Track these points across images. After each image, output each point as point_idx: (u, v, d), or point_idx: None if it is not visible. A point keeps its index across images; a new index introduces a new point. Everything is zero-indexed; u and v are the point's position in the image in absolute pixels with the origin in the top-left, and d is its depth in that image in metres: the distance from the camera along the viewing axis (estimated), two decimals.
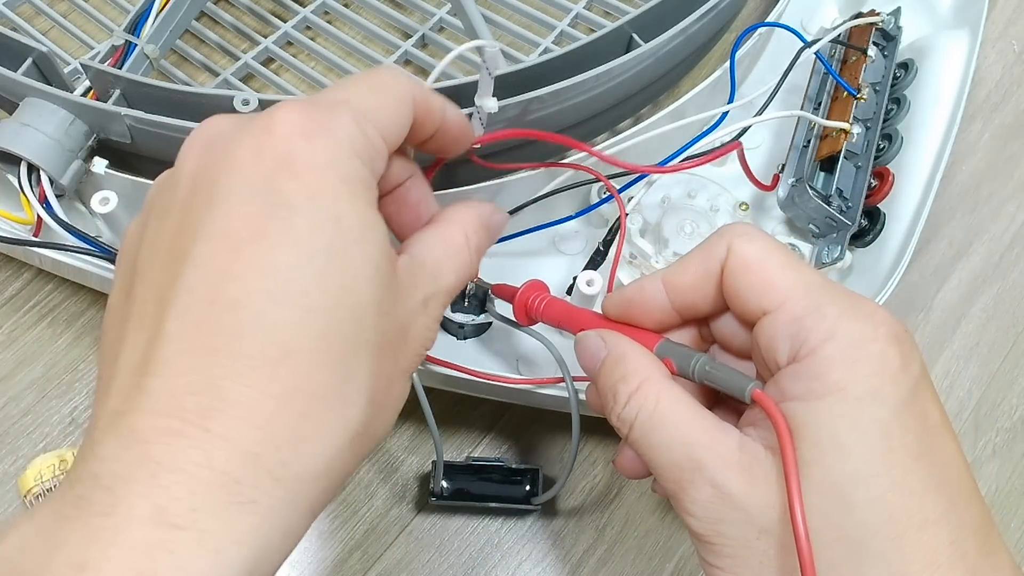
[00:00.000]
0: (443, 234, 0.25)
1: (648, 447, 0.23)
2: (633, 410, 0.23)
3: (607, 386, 0.24)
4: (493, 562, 0.36)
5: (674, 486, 0.23)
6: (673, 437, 0.23)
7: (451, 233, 0.25)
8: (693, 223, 0.36)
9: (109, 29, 0.46)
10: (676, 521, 0.37)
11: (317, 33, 0.48)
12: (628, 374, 0.24)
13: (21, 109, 0.34)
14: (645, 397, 0.23)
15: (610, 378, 0.24)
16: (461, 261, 0.25)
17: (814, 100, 0.42)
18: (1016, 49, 0.50)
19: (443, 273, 0.24)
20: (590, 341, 0.26)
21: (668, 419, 0.23)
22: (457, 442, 0.38)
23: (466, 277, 0.25)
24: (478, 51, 0.28)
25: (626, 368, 0.24)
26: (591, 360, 0.26)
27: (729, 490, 0.21)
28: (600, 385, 0.25)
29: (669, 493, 0.23)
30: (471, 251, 0.25)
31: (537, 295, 0.29)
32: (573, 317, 0.28)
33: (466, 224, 0.25)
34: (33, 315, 0.40)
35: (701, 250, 0.24)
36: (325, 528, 0.36)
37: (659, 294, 0.25)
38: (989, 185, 0.46)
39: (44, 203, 0.34)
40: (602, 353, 0.25)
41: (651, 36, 0.38)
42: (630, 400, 0.23)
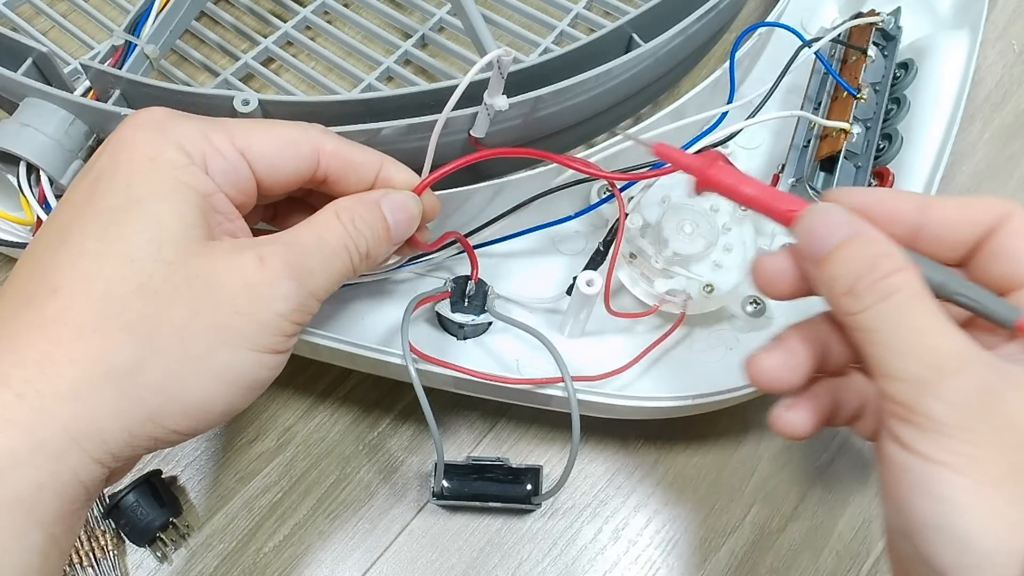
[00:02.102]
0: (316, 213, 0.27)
1: (901, 325, 0.22)
2: (894, 286, 0.22)
3: (863, 257, 0.23)
4: (493, 562, 0.36)
5: (927, 369, 0.21)
6: (942, 322, 0.21)
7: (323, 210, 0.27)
8: (693, 223, 0.36)
9: (109, 29, 0.46)
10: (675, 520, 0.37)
11: (317, 33, 0.48)
12: (894, 252, 0.22)
13: (21, 109, 0.34)
14: (913, 277, 0.22)
15: (867, 249, 0.23)
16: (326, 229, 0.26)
17: (814, 100, 0.42)
18: (1016, 49, 0.50)
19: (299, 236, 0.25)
20: (834, 214, 0.24)
21: (934, 305, 0.22)
22: (457, 442, 0.38)
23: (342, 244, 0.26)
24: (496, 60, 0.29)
25: (891, 248, 0.23)
26: (828, 233, 0.23)
27: (997, 390, 0.21)
28: (846, 256, 0.23)
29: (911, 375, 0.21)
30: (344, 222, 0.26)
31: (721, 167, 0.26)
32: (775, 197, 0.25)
33: (339, 203, 0.27)
34: None
35: (975, 199, 0.24)
36: (325, 528, 0.36)
37: (911, 211, 0.24)
38: (989, 185, 0.46)
39: (44, 204, 0.34)
40: (846, 229, 0.23)
41: (651, 36, 0.38)
42: (896, 273, 0.22)
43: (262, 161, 0.26)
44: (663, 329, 0.35)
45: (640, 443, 0.38)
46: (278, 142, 0.26)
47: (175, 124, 0.25)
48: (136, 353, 0.22)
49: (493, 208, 0.36)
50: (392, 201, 0.28)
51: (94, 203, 0.23)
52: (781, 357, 0.25)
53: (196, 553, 0.35)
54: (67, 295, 0.22)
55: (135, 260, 0.22)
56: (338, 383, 0.39)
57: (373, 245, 0.27)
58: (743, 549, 0.36)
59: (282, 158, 0.26)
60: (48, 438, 0.21)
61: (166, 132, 0.24)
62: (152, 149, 0.24)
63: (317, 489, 0.37)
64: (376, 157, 0.28)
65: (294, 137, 0.26)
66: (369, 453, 0.38)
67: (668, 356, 0.36)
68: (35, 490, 0.21)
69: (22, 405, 0.21)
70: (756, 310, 0.36)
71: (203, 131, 0.25)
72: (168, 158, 0.24)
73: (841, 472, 0.38)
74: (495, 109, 0.32)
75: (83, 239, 0.23)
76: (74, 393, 0.21)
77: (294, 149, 0.26)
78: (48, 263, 0.23)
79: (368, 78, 0.45)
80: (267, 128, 0.26)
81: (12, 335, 0.22)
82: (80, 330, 0.22)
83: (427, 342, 0.35)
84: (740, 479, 0.38)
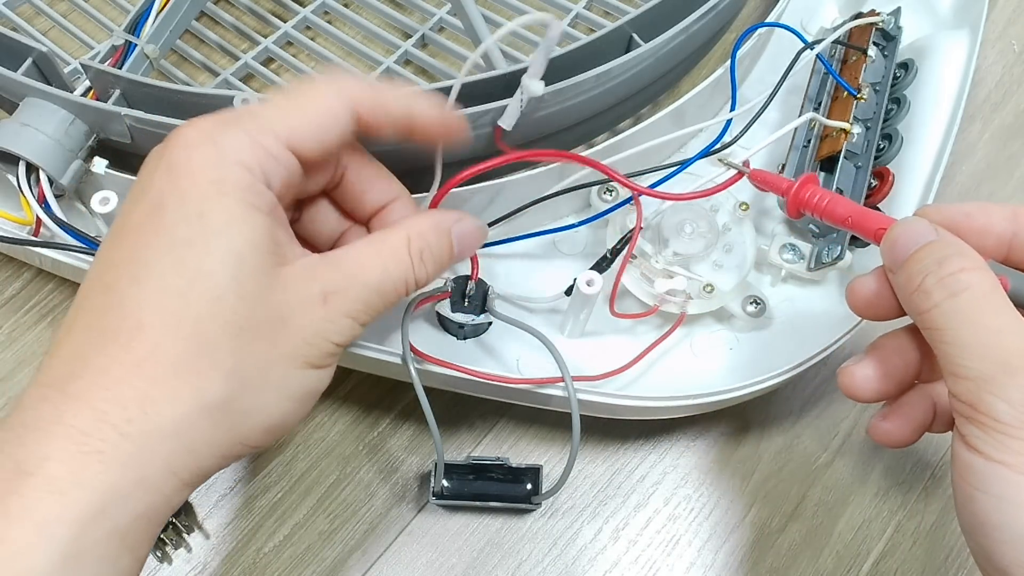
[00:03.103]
0: (381, 236, 0.27)
1: (968, 321, 0.22)
2: (965, 281, 0.22)
3: (934, 255, 0.23)
4: (493, 562, 0.36)
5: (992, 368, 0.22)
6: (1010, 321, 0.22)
7: (389, 236, 0.26)
8: (693, 223, 0.36)
9: (109, 29, 0.46)
10: (675, 520, 0.37)
11: (317, 33, 0.48)
12: (967, 253, 0.23)
13: (21, 109, 0.34)
14: (985, 277, 0.22)
15: (942, 251, 0.23)
16: (394, 262, 0.26)
17: (814, 100, 0.42)
18: (1016, 49, 0.50)
19: (364, 271, 0.26)
20: (918, 224, 0.24)
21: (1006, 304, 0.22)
22: (457, 442, 0.38)
23: (402, 279, 0.26)
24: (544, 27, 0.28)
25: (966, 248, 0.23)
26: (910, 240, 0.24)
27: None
28: (921, 258, 0.24)
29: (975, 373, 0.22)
30: (413, 255, 0.26)
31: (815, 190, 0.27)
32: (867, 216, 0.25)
33: (412, 229, 0.27)
34: (33, 315, 0.40)
35: None
36: (325, 528, 0.36)
37: (1002, 222, 0.24)
38: (989, 185, 0.46)
39: (43, 203, 0.34)
40: (931, 236, 0.24)
41: (651, 36, 0.38)
42: (965, 272, 0.23)
43: (308, 147, 0.25)
44: (663, 329, 0.35)
45: (640, 443, 0.38)
46: (320, 120, 0.25)
47: (227, 137, 0.24)
48: (227, 387, 0.23)
49: (494, 208, 0.36)
50: (463, 229, 0.28)
51: (164, 232, 0.23)
52: (873, 367, 0.26)
53: (196, 553, 0.35)
54: (156, 333, 0.22)
55: (220, 299, 0.23)
56: (338, 383, 0.39)
57: (432, 275, 0.27)
58: (743, 549, 0.36)
59: (326, 135, 0.25)
60: (150, 474, 0.22)
61: (221, 149, 0.24)
62: (215, 173, 0.23)
63: (317, 489, 0.37)
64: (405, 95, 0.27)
65: (331, 106, 0.25)
66: (369, 453, 0.38)
67: (668, 356, 0.36)
68: (132, 520, 0.22)
69: (126, 445, 0.21)
70: (756, 310, 0.36)
71: (253, 138, 0.24)
72: (233, 181, 0.23)
73: (841, 472, 0.38)
74: (530, 92, 0.31)
75: (162, 273, 0.23)
76: (175, 431, 0.22)
77: (334, 120, 0.25)
78: (128, 296, 0.23)
79: (368, 78, 0.45)
80: (305, 108, 0.25)
81: (103, 370, 0.22)
82: (174, 369, 0.22)
83: (427, 342, 0.35)
84: (740, 479, 0.38)
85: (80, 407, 0.21)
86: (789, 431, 0.39)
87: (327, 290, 0.25)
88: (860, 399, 0.26)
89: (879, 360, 0.26)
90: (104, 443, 0.21)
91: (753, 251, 0.37)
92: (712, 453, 0.38)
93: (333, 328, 0.25)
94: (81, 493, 0.21)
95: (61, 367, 0.23)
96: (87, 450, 0.21)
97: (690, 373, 0.36)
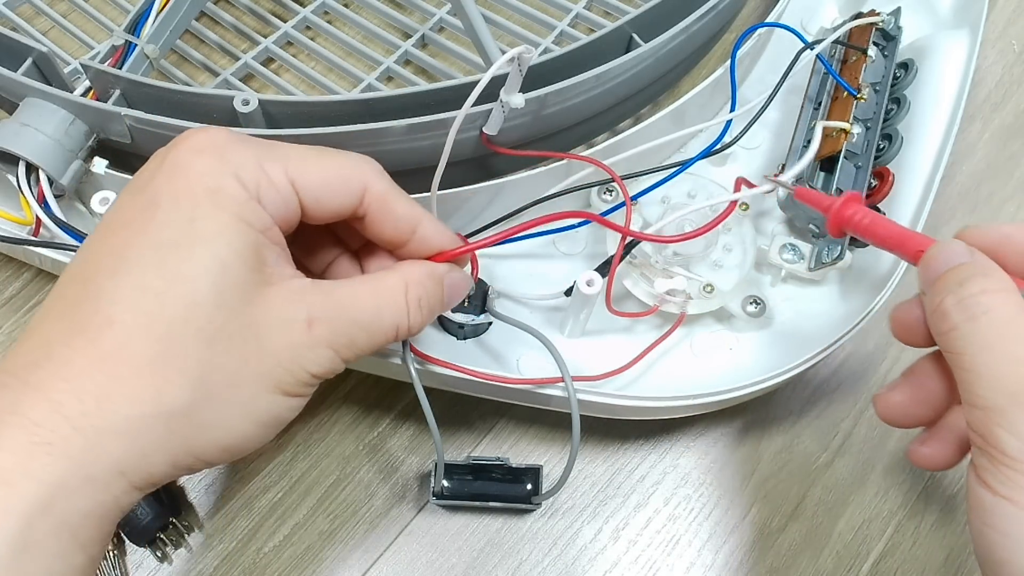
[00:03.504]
0: (379, 277, 0.26)
1: (986, 347, 0.22)
2: (986, 304, 0.22)
3: (957, 277, 0.23)
4: (493, 562, 0.36)
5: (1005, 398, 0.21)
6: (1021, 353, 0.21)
7: (387, 278, 0.26)
8: (693, 223, 0.36)
9: (109, 29, 0.46)
10: (675, 520, 0.37)
11: (317, 33, 0.48)
12: (993, 274, 0.22)
13: (21, 109, 0.34)
14: (1008, 300, 0.22)
15: (966, 272, 0.23)
16: (389, 305, 0.26)
17: (814, 100, 0.42)
18: (1016, 49, 0.50)
19: (357, 306, 0.25)
20: (955, 246, 0.24)
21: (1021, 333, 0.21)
22: (457, 442, 0.38)
23: (395, 323, 0.26)
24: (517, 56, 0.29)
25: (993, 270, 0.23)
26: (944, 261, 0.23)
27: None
28: (946, 277, 0.23)
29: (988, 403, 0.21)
30: (410, 301, 0.26)
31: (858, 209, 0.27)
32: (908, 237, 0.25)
33: (410, 275, 0.26)
34: (33, 315, 0.40)
35: None
36: (325, 528, 0.36)
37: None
38: (989, 185, 0.46)
39: (43, 203, 0.34)
40: (965, 258, 0.23)
41: (651, 36, 0.38)
42: (986, 294, 0.22)
43: (310, 193, 0.25)
44: (663, 329, 0.35)
45: (640, 443, 0.38)
46: (329, 176, 0.25)
47: (234, 151, 0.24)
48: (190, 397, 0.22)
49: (494, 208, 0.36)
50: (453, 280, 0.28)
51: (152, 231, 0.23)
52: (909, 392, 0.25)
53: (196, 553, 0.35)
54: (125, 330, 0.22)
55: (197, 304, 0.22)
56: (338, 383, 0.39)
57: (425, 323, 0.27)
58: (743, 549, 0.36)
59: (330, 192, 0.25)
60: (98, 472, 0.21)
61: (226, 160, 0.24)
62: (213, 181, 0.23)
63: (317, 489, 0.37)
64: (416, 212, 0.27)
65: (345, 173, 0.26)
66: (369, 453, 0.38)
67: (668, 356, 0.36)
68: (82, 517, 0.21)
69: (77, 439, 0.21)
70: (756, 310, 0.36)
71: (259, 160, 0.24)
72: (229, 192, 0.23)
73: (841, 472, 0.38)
74: (510, 106, 0.32)
75: (142, 271, 0.22)
76: (128, 432, 0.22)
77: (343, 185, 0.26)
78: (104, 290, 0.22)
79: (368, 78, 0.45)
80: (319, 159, 0.26)
81: (66, 361, 0.22)
82: (138, 369, 0.22)
83: (427, 342, 0.35)
84: (740, 479, 0.38)
85: (37, 397, 0.21)
86: (789, 431, 0.39)
87: (313, 316, 0.24)
88: (896, 425, 0.26)
89: (913, 385, 0.25)
90: (54, 435, 0.21)
91: (753, 251, 0.37)
92: (712, 453, 0.38)
93: (312, 356, 0.24)
94: (28, 485, 0.20)
95: (26, 355, 0.22)
96: (37, 440, 0.21)
97: (690, 373, 0.36)
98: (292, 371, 0.24)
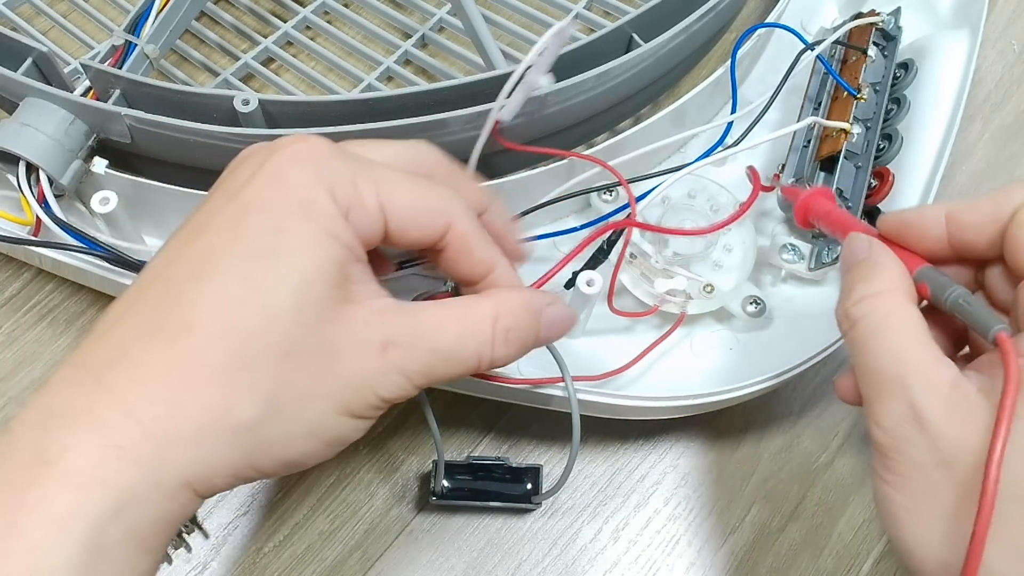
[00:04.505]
0: (467, 303, 0.25)
1: (862, 350, 0.24)
2: (862, 310, 0.24)
3: (848, 282, 0.25)
4: (493, 562, 0.36)
5: (872, 392, 0.24)
6: (889, 349, 0.23)
7: (475, 304, 0.25)
8: (693, 223, 0.36)
9: (109, 29, 0.46)
10: (675, 520, 0.37)
11: (317, 33, 0.48)
12: (874, 278, 0.25)
13: (21, 109, 0.34)
14: (880, 304, 0.24)
15: (855, 275, 0.25)
16: (473, 334, 0.25)
17: (814, 100, 0.42)
18: (1016, 49, 0.50)
19: (438, 334, 0.24)
20: (858, 242, 0.27)
21: (892, 332, 0.24)
22: (457, 442, 0.38)
23: (477, 353, 0.25)
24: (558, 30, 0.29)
25: (874, 274, 0.25)
26: (849, 259, 0.26)
27: (924, 415, 0.22)
28: (845, 279, 0.26)
29: (864, 398, 0.24)
30: (497, 332, 0.25)
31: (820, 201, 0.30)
32: (844, 224, 0.28)
33: (502, 304, 0.25)
34: (33, 315, 0.40)
35: (997, 193, 0.25)
36: (325, 528, 0.36)
37: (938, 224, 0.25)
38: (989, 185, 0.46)
39: (43, 203, 0.34)
40: (862, 255, 0.26)
41: (651, 36, 0.38)
42: (864, 300, 0.24)
43: (396, 220, 0.24)
44: (663, 329, 0.35)
45: (640, 443, 0.38)
46: (418, 206, 0.25)
47: (332, 165, 0.23)
48: (259, 411, 0.22)
49: None
50: (552, 316, 0.27)
51: (241, 239, 0.22)
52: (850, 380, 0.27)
53: (196, 553, 0.35)
54: (203, 338, 0.21)
55: (276, 319, 0.22)
56: None
57: (512, 358, 0.26)
58: (743, 549, 0.36)
59: (415, 223, 0.25)
60: (165, 479, 0.21)
61: (323, 173, 0.23)
62: (308, 193, 0.23)
63: (317, 489, 0.37)
64: (493, 258, 0.26)
65: (434, 205, 0.25)
66: (369, 453, 0.38)
67: (668, 356, 0.36)
68: (149, 524, 0.21)
69: (147, 445, 0.21)
70: (756, 310, 0.36)
71: (354, 178, 0.23)
72: (322, 207, 0.23)
73: (841, 472, 0.38)
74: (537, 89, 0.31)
75: (227, 280, 0.22)
76: (196, 441, 0.21)
77: (429, 218, 0.25)
78: (186, 294, 0.22)
79: (368, 78, 0.45)
80: (412, 187, 0.25)
81: (141, 363, 0.21)
82: (211, 378, 0.21)
83: None
84: (740, 479, 0.38)
85: (111, 399, 0.21)
86: (789, 431, 0.39)
87: (389, 340, 0.23)
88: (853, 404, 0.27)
89: None
90: (126, 439, 0.20)
91: (753, 251, 0.37)
92: (712, 453, 0.38)
93: (383, 381, 0.23)
94: (100, 490, 0.20)
95: (102, 352, 0.22)
96: (108, 444, 0.20)
97: (690, 373, 0.36)
98: (362, 394, 0.23)
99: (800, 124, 0.37)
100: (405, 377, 0.24)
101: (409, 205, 0.24)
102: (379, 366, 0.23)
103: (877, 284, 0.25)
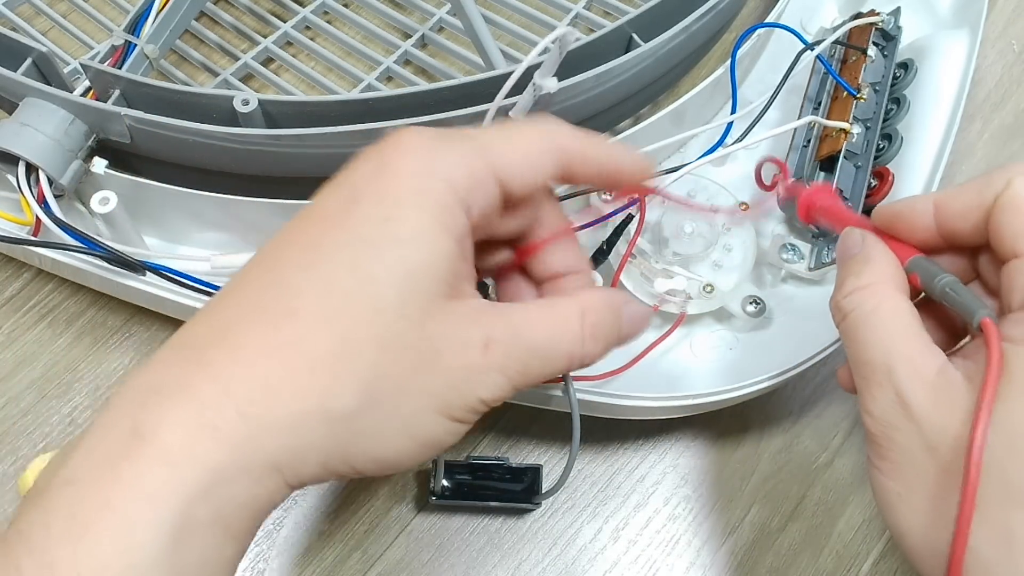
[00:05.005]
0: (552, 302, 0.25)
1: (852, 340, 0.25)
2: (853, 303, 0.25)
3: (841, 275, 0.26)
4: (493, 562, 0.36)
5: (862, 382, 0.24)
6: (878, 339, 0.24)
7: (561, 303, 0.25)
8: (693, 223, 0.36)
9: (109, 29, 0.46)
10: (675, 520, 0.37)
11: (317, 33, 0.48)
12: (864, 272, 0.26)
13: (21, 109, 0.34)
14: (869, 296, 0.25)
15: (847, 269, 0.26)
16: (564, 331, 0.24)
17: (814, 100, 0.42)
18: (1016, 49, 0.50)
19: (532, 330, 0.24)
20: (852, 237, 0.27)
21: (880, 322, 0.24)
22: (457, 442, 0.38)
23: (568, 351, 0.25)
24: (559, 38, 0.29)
25: (865, 267, 0.26)
26: (843, 253, 0.27)
27: (911, 401, 0.23)
28: (839, 273, 0.27)
29: (856, 387, 0.25)
30: (585, 329, 0.25)
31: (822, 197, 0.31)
32: (843, 219, 0.29)
33: (586, 302, 0.25)
34: (33, 315, 0.40)
35: (980, 180, 0.25)
36: (325, 528, 0.36)
37: (926, 214, 0.26)
38: None
39: (43, 203, 0.34)
40: (856, 250, 0.27)
41: (651, 36, 0.38)
42: (854, 293, 0.25)
43: (513, 181, 0.24)
44: (663, 329, 0.35)
45: (640, 443, 0.38)
46: (531, 159, 0.24)
47: (442, 154, 0.23)
48: (355, 402, 0.21)
49: None
50: (632, 312, 0.27)
51: (350, 227, 0.22)
52: None
53: None
54: (306, 324, 0.21)
55: (380, 310, 0.21)
56: None
57: (599, 356, 0.26)
58: (743, 549, 0.36)
59: (532, 173, 0.24)
60: (255, 463, 0.21)
61: (434, 163, 0.23)
62: (420, 183, 0.22)
63: (317, 489, 0.37)
64: (614, 149, 0.26)
65: (544, 146, 0.25)
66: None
67: (668, 356, 0.36)
68: (236, 508, 0.21)
69: (241, 427, 0.20)
70: (756, 310, 0.36)
71: (468, 162, 0.23)
72: (435, 197, 0.22)
73: (841, 472, 0.38)
74: (543, 91, 0.31)
75: (334, 268, 0.22)
76: (291, 428, 0.21)
77: (541, 160, 0.24)
78: (293, 281, 0.22)
79: (368, 78, 0.45)
80: (517, 143, 0.24)
81: (241, 345, 0.21)
82: (311, 364, 0.21)
83: None
84: (740, 479, 0.38)
85: (208, 376, 0.21)
86: (789, 431, 0.39)
87: (490, 338, 0.23)
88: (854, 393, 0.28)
89: None
90: (220, 419, 0.20)
91: (753, 251, 0.37)
92: (712, 453, 0.38)
93: (484, 380, 0.23)
94: (192, 468, 0.20)
95: (203, 333, 0.22)
96: (203, 423, 0.20)
97: (690, 373, 0.36)
98: (463, 394, 0.23)
99: (800, 121, 0.38)
100: (505, 377, 0.23)
101: (523, 163, 0.24)
102: (481, 365, 0.23)
103: (867, 277, 0.25)
